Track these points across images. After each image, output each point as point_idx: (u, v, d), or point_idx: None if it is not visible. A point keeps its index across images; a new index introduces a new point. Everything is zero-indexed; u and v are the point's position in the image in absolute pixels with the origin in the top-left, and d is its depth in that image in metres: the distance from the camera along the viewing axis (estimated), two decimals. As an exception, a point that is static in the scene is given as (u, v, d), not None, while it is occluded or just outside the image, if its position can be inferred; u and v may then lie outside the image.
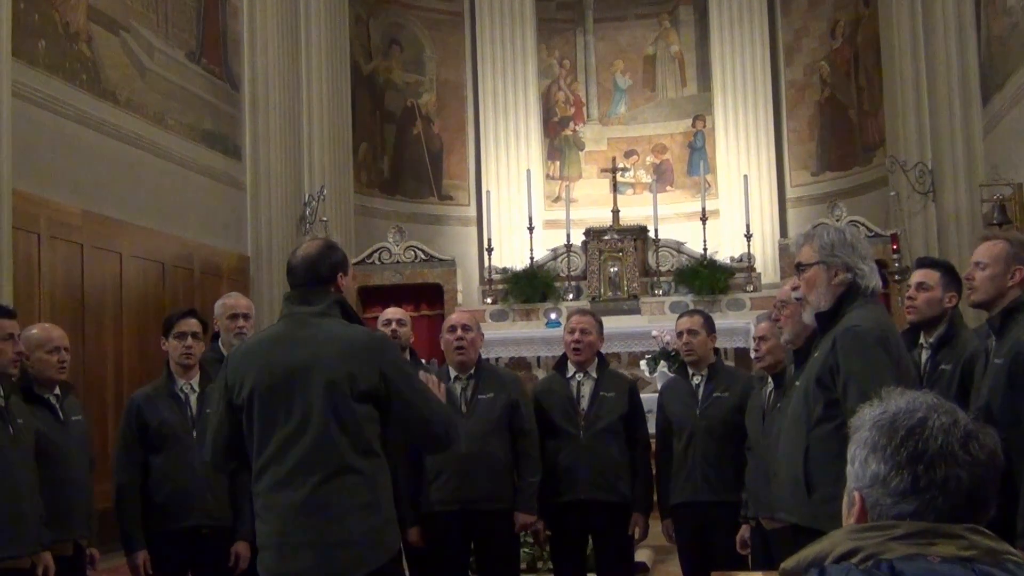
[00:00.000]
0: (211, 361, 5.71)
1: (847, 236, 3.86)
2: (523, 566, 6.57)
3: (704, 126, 16.79)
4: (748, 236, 14.21)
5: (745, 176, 15.06)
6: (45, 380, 5.09)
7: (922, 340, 4.97)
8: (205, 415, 5.29)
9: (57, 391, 5.16)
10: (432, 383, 3.91)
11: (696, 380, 5.93)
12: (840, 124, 15.87)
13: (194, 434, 5.28)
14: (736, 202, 15.24)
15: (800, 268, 3.91)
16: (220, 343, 5.91)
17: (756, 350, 5.46)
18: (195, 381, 5.42)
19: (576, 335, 5.92)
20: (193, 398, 5.38)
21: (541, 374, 12.55)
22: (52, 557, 4.78)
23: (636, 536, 5.90)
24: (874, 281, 3.85)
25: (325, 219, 13.64)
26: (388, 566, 3.62)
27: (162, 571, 5.26)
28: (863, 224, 13.02)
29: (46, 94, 9.26)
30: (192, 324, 5.42)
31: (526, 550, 6.99)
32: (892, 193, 13.40)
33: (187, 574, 5.37)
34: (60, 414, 5.12)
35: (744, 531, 5.41)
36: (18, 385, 4.92)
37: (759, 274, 14.32)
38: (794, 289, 3.96)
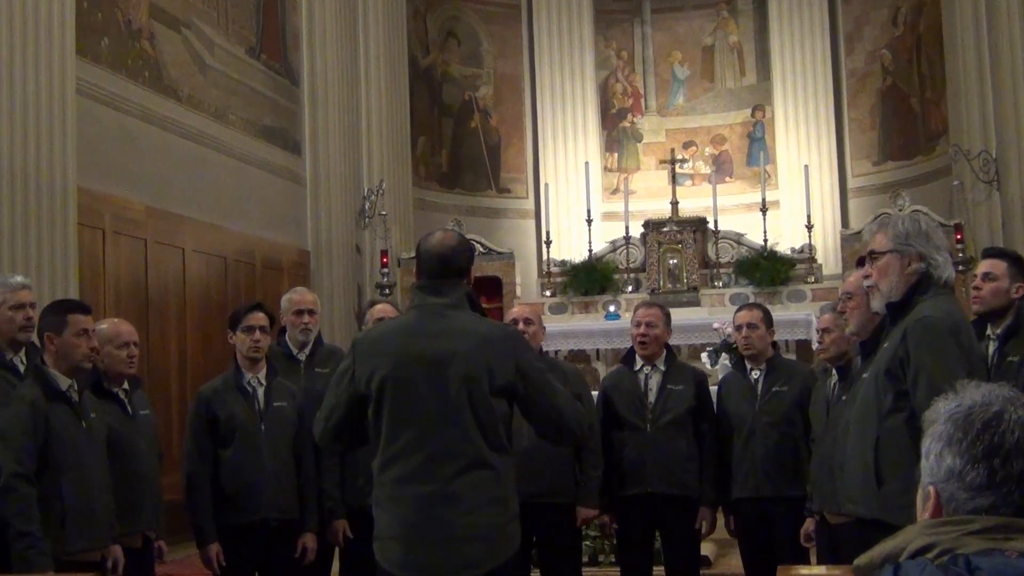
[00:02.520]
0: (278, 355, 5.74)
1: (922, 225, 3.80)
2: (585, 559, 6.56)
3: (764, 116, 16.67)
4: (809, 227, 14.09)
5: (806, 166, 14.93)
6: (114, 375, 5.15)
7: (989, 331, 4.89)
8: (273, 408, 5.35)
9: (126, 385, 5.21)
10: None
11: (755, 375, 5.88)
12: (902, 113, 15.69)
13: (263, 427, 5.33)
14: (797, 193, 15.13)
15: (873, 256, 3.85)
16: (287, 338, 5.94)
17: (820, 341, 5.40)
18: (262, 375, 5.44)
19: (642, 328, 5.87)
20: (261, 391, 5.41)
21: (601, 367, 12.53)
22: (121, 550, 4.83)
23: (703, 530, 5.87)
24: (947, 272, 3.78)
25: (384, 213, 13.71)
26: (512, 561, 3.63)
27: (232, 564, 5.30)
28: (927, 214, 12.86)
29: (109, 91, 9.38)
30: (260, 318, 5.45)
31: (587, 543, 6.99)
32: (956, 182, 13.23)
33: (256, 567, 5.42)
34: (129, 408, 5.18)
35: (808, 525, 5.36)
36: (90, 380, 4.98)
37: (820, 265, 14.22)
38: (866, 277, 3.90)
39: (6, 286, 5.02)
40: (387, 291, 13.16)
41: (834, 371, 5.22)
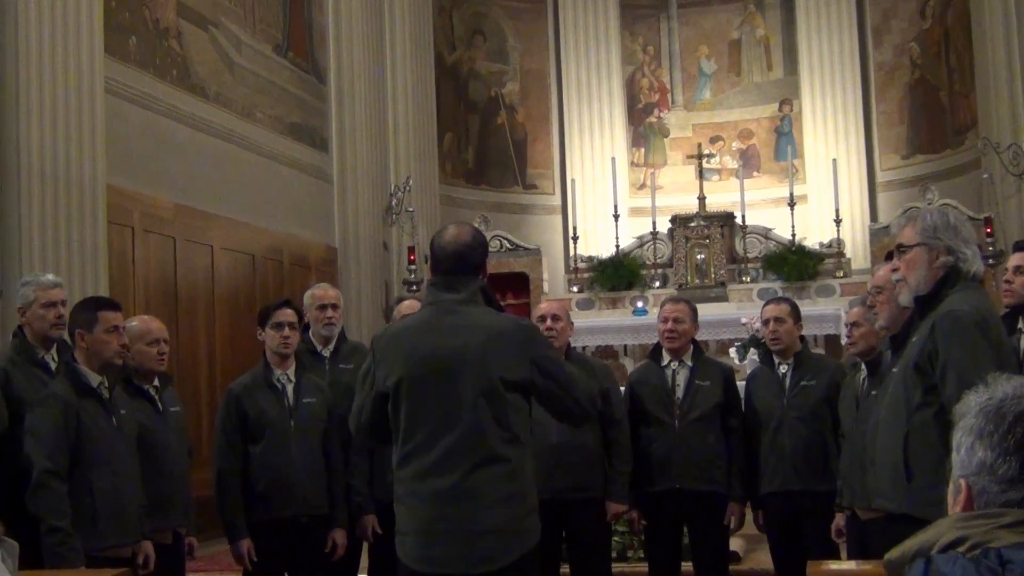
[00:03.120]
0: (303, 352, 5.76)
1: (950, 219, 3.78)
2: (614, 555, 6.55)
3: (791, 110, 16.60)
4: (837, 221, 14.05)
5: (834, 160, 14.88)
6: (145, 371, 5.19)
7: (1020, 325, 4.86)
8: (303, 404, 5.37)
9: (156, 382, 5.25)
10: None
11: (783, 369, 5.87)
12: (931, 106, 15.61)
13: (292, 424, 5.35)
14: (825, 187, 15.07)
15: (901, 249, 3.83)
16: (310, 334, 5.96)
17: (848, 336, 5.37)
18: (291, 371, 5.47)
19: (669, 324, 5.87)
20: (290, 388, 5.43)
21: (628, 362, 12.52)
22: (152, 546, 4.87)
23: (732, 525, 5.86)
24: (976, 265, 3.75)
25: (411, 209, 13.73)
26: (530, 554, 3.63)
27: (263, 559, 5.32)
28: (956, 207, 12.77)
29: (138, 90, 9.43)
30: (289, 314, 5.47)
31: (616, 539, 6.98)
32: (985, 175, 13.16)
33: (286, 562, 5.44)
34: (159, 405, 5.21)
35: (839, 520, 5.34)
36: (120, 377, 5.02)
37: (849, 260, 14.17)
38: (894, 270, 3.88)
39: (38, 284, 5.07)
40: (414, 287, 13.18)
41: (863, 366, 5.20)
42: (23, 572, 3.38)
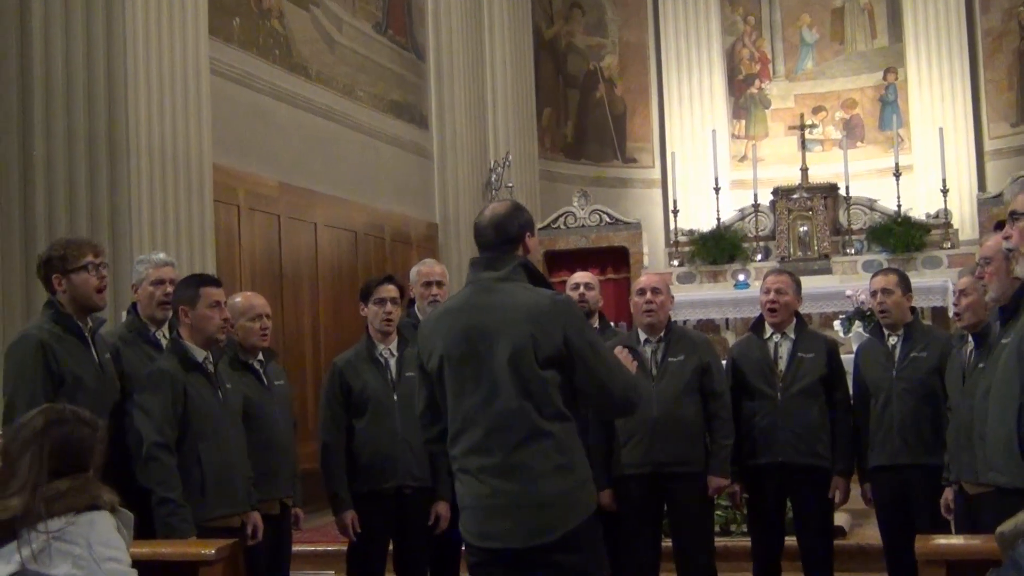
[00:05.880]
0: (408, 327, 5.83)
1: None
2: (716, 529, 6.53)
3: (896, 79, 16.27)
4: (944, 191, 13.76)
5: (940, 129, 14.53)
6: (249, 347, 5.29)
7: None
8: (405, 378, 5.41)
9: (261, 357, 5.35)
10: (625, 358, 3.90)
11: (892, 341, 5.75)
12: (1041, 72, 15.18)
13: (395, 397, 5.42)
14: (931, 156, 14.74)
15: (1014, 217, 3.72)
16: (416, 309, 6.02)
17: (955, 304, 5.22)
18: (394, 346, 5.55)
19: (771, 295, 5.81)
20: (393, 362, 5.51)
21: (730, 336, 12.44)
22: (260, 516, 4.97)
23: (836, 500, 5.79)
24: (1093, 234, 3.65)
25: (511, 185, 13.75)
26: (584, 525, 3.62)
27: (367, 530, 5.41)
28: (1068, 176, 12.45)
29: (242, 70, 9.57)
30: (391, 290, 5.55)
31: (719, 513, 6.95)
32: (1099, 142, 12.78)
33: (391, 533, 5.51)
34: (264, 379, 5.31)
35: (948, 494, 5.24)
36: (225, 352, 5.12)
37: (956, 230, 13.87)
38: (1006, 239, 3.78)
39: (150, 262, 5.20)
40: (514, 262, 13.21)
41: (970, 338, 5.07)
42: (137, 541, 3.47)
